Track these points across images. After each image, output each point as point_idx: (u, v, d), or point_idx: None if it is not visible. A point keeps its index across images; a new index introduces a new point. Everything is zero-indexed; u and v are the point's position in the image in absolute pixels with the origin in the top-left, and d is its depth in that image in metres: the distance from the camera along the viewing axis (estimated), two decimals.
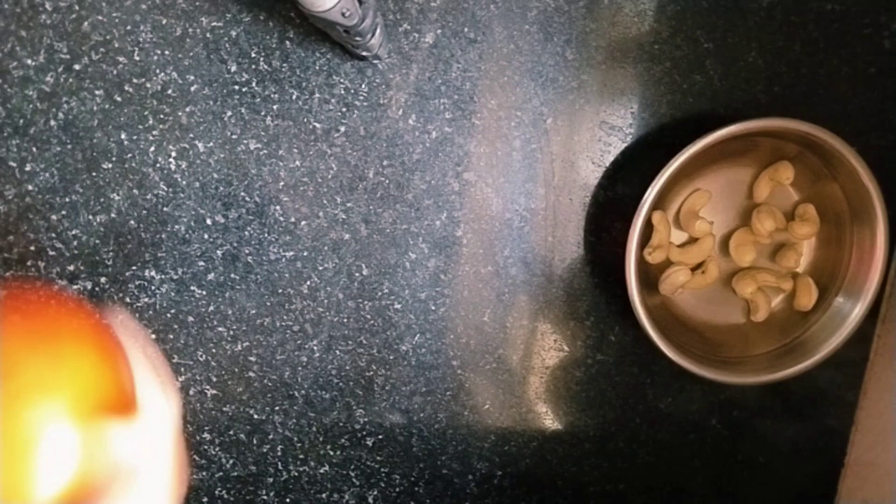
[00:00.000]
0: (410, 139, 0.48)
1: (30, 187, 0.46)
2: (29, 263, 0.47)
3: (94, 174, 0.46)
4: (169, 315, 0.48)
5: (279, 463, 0.51)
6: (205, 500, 0.51)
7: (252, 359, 0.49)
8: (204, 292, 0.48)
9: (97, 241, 0.47)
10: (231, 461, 0.51)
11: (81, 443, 0.22)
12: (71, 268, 0.47)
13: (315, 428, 0.51)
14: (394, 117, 0.47)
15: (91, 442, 0.22)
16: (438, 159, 0.48)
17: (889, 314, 0.52)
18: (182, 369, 0.49)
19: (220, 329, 0.49)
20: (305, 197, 0.48)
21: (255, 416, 0.50)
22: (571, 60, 0.48)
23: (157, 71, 0.45)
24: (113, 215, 0.47)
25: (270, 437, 0.51)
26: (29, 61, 0.45)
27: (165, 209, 0.47)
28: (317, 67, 0.46)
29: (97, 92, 0.45)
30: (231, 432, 0.50)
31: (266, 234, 0.48)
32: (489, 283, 0.50)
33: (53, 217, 0.46)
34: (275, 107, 0.46)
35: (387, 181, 0.48)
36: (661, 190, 0.44)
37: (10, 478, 0.20)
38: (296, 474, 0.52)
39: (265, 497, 0.52)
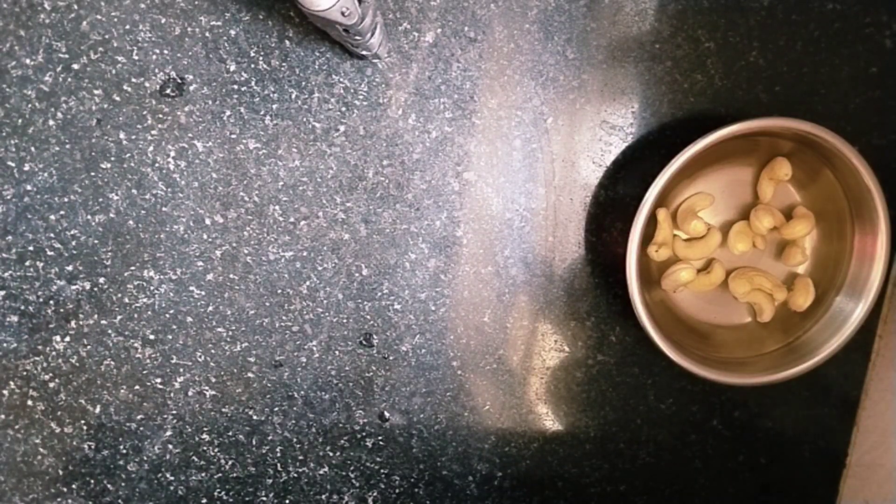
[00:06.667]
0: (410, 139, 0.48)
1: (28, 187, 0.46)
2: (27, 263, 0.47)
3: (92, 174, 0.46)
4: (168, 315, 0.48)
5: (278, 464, 0.51)
6: (204, 501, 0.51)
7: (251, 359, 0.49)
8: (203, 293, 0.48)
9: (96, 241, 0.47)
10: (230, 462, 0.50)
11: None
12: (69, 268, 0.47)
13: (314, 429, 0.51)
14: (394, 117, 0.47)
15: None
16: (438, 159, 0.48)
17: (890, 314, 0.52)
18: (181, 370, 0.49)
19: (219, 329, 0.49)
20: (305, 197, 0.48)
21: (255, 417, 0.50)
22: (572, 60, 0.48)
23: (156, 70, 0.45)
24: (112, 215, 0.46)
25: (270, 438, 0.50)
26: (27, 61, 0.44)
27: (164, 209, 0.47)
28: (316, 67, 0.46)
29: (96, 91, 0.45)
30: (230, 433, 0.50)
31: (265, 234, 0.48)
32: (489, 284, 0.50)
33: (52, 217, 0.46)
34: (274, 106, 0.46)
35: (387, 181, 0.48)
36: (663, 189, 0.44)
37: None
38: (295, 475, 0.51)
39: (264, 498, 0.51)
